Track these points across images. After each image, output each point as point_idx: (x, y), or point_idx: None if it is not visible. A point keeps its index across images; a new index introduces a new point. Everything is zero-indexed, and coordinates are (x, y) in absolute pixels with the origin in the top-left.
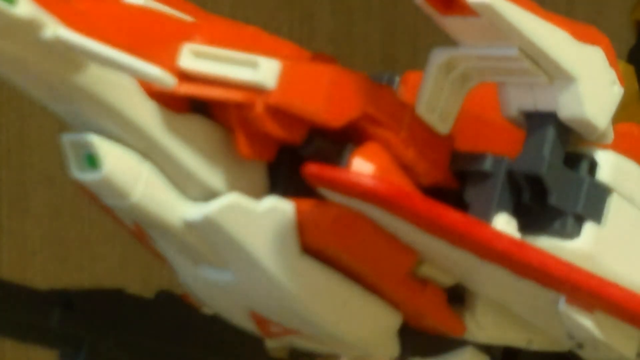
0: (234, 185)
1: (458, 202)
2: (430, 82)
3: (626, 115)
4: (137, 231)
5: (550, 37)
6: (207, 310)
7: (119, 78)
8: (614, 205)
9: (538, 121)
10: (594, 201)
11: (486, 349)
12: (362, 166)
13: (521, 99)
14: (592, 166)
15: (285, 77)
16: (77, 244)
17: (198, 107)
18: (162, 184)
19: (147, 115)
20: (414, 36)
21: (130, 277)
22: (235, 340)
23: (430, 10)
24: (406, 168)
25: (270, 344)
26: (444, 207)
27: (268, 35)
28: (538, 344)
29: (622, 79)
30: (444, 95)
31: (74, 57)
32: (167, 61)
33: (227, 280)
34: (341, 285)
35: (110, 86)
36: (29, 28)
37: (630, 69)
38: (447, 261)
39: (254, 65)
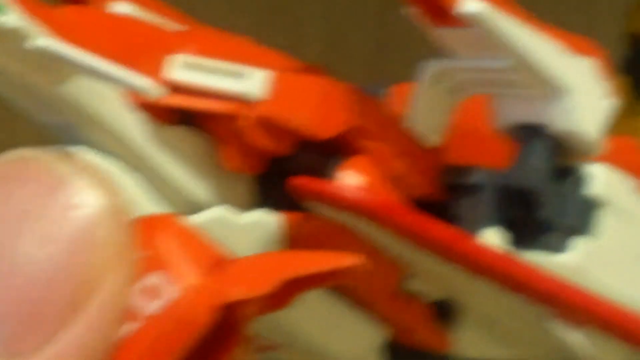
0: (220, 198)
1: (447, 215)
2: (420, 94)
3: (619, 128)
4: None
5: (543, 48)
6: None
7: (105, 89)
8: (605, 219)
9: (529, 134)
10: (584, 215)
11: None
12: (350, 179)
13: (512, 111)
14: (583, 179)
15: (274, 89)
16: None
17: (185, 119)
18: (147, 196)
19: (133, 126)
20: (405, 47)
21: None
22: None
23: (421, 22)
24: (395, 181)
25: (254, 358)
26: (433, 220)
27: (258, 45)
28: None
29: (616, 92)
30: (435, 107)
31: (59, 68)
32: (156, 72)
33: None
34: (327, 300)
35: (97, 97)
36: (14, 37)
37: (624, 82)
38: (435, 275)
39: (242, 76)
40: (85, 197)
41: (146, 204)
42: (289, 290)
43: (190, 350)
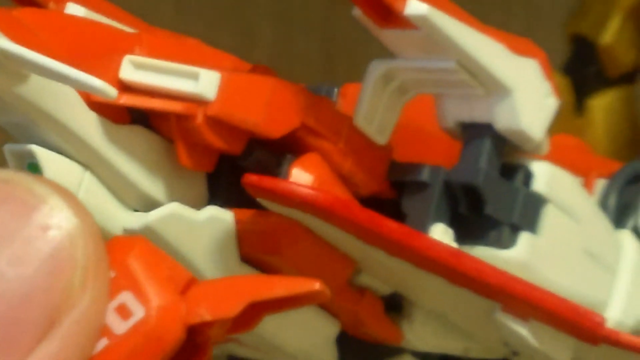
0: (175, 195)
1: (396, 212)
2: (368, 93)
3: (562, 126)
4: None
5: (486, 49)
6: None
7: (61, 89)
8: (549, 215)
9: (474, 132)
10: (529, 211)
11: (423, 356)
12: (300, 176)
13: (458, 110)
14: (528, 177)
15: (225, 89)
16: None
17: (138, 118)
18: (102, 193)
19: (87, 126)
20: (352, 48)
21: None
22: None
23: (368, 23)
24: (344, 178)
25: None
26: (381, 217)
27: (208, 47)
28: (475, 352)
29: (558, 92)
30: (382, 107)
31: (15, 69)
32: (109, 73)
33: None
34: None
35: (52, 97)
36: None
37: (566, 82)
38: (384, 270)
39: (194, 76)
40: (61, 218)
41: (102, 202)
42: (254, 313)
43: None
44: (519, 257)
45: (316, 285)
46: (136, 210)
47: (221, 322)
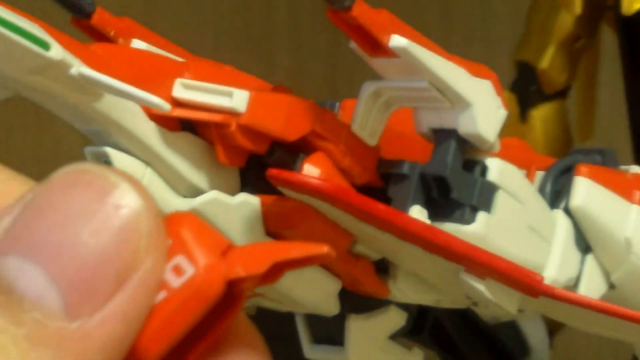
0: (214, 184)
1: (383, 197)
2: (362, 107)
3: (508, 131)
4: None
5: (451, 73)
6: None
7: (128, 104)
8: (500, 199)
9: (443, 136)
10: (485, 196)
11: (405, 306)
12: (311, 170)
13: (430, 119)
14: (484, 169)
15: (252, 104)
16: None
17: (187, 126)
18: (159, 184)
19: (148, 133)
20: (351, 72)
21: None
22: None
23: (362, 53)
24: (344, 172)
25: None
26: (372, 201)
27: (240, 72)
28: (444, 303)
29: (506, 105)
30: (372, 117)
31: (93, 89)
32: (164, 92)
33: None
34: None
35: (122, 111)
36: (60, 67)
37: (512, 97)
38: (375, 241)
39: (229, 94)
40: (129, 199)
41: (159, 190)
42: (277, 270)
43: (204, 314)
44: (478, 231)
45: (325, 248)
46: (185, 197)
47: (252, 278)
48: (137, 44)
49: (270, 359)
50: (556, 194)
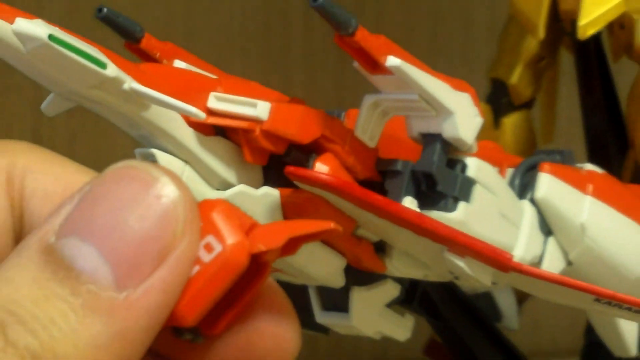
0: (242, 179)
1: (381, 190)
2: (363, 115)
3: (484, 135)
4: None
5: (437, 87)
6: None
7: (170, 113)
8: (477, 191)
9: (430, 139)
10: (464, 188)
11: (399, 280)
12: (321, 168)
13: (419, 125)
14: (464, 167)
15: (273, 113)
16: None
17: (219, 132)
18: (196, 179)
19: (187, 137)
20: (355, 86)
21: None
22: None
23: (363, 71)
24: (348, 169)
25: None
26: (372, 192)
27: (263, 86)
28: (431, 277)
29: (482, 114)
30: (372, 124)
31: (142, 101)
32: (200, 103)
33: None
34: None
35: (165, 119)
36: (114, 83)
37: (487, 107)
38: (374, 226)
39: (254, 105)
40: (169, 190)
41: (196, 184)
42: (293, 244)
43: (232, 283)
44: (458, 217)
45: (331, 224)
46: (217, 190)
47: (272, 251)
48: (178, 63)
49: (295, 319)
50: (523, 187)
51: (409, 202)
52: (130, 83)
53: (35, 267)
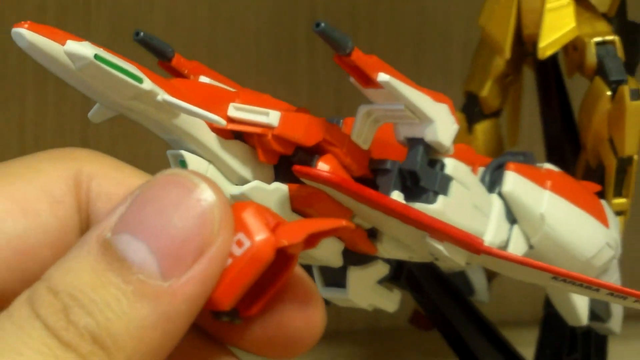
0: (256, 176)
1: (373, 185)
2: (358, 122)
3: (459, 140)
4: None
5: (420, 99)
6: None
7: (196, 121)
8: (453, 186)
9: (414, 142)
10: (443, 184)
11: (388, 261)
12: (323, 166)
13: (405, 131)
14: (442, 166)
15: (282, 120)
16: None
17: (237, 136)
18: (218, 175)
19: (210, 140)
20: (351, 98)
21: None
22: None
23: (357, 85)
24: (345, 167)
25: None
26: (366, 187)
27: (274, 98)
28: (416, 258)
29: (458, 121)
30: (365, 129)
31: (173, 110)
32: (222, 112)
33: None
34: None
35: (192, 125)
36: (149, 95)
37: (462, 116)
38: (367, 215)
39: (266, 114)
40: (207, 194)
41: (218, 180)
42: (313, 239)
43: (262, 274)
44: (438, 208)
45: (343, 222)
46: (236, 184)
47: (295, 245)
48: (203, 79)
49: (321, 301)
50: (492, 183)
51: (397, 196)
52: (162, 95)
53: (93, 259)
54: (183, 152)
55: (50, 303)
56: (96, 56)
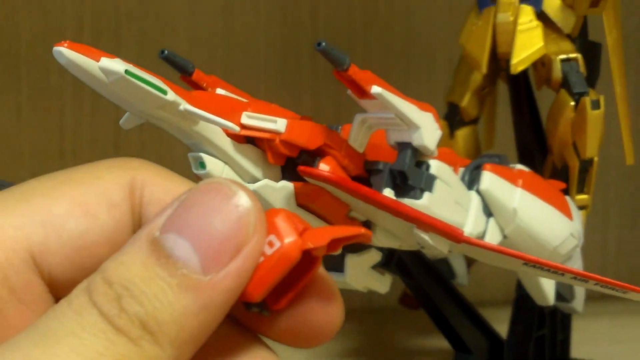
0: (266, 176)
1: (367, 183)
2: (354, 129)
3: (442, 144)
4: None
5: (408, 108)
6: None
7: (213, 127)
8: (437, 184)
9: (403, 146)
10: (428, 182)
11: (380, 249)
12: (324, 167)
13: (395, 136)
14: (428, 167)
15: (288, 127)
16: None
17: (249, 140)
18: (232, 175)
19: (226, 144)
20: (349, 108)
21: None
22: None
23: (354, 96)
24: (343, 168)
25: None
26: (361, 185)
27: (281, 107)
28: (404, 247)
29: (442, 128)
30: (361, 135)
31: (193, 118)
32: (236, 119)
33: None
34: (315, 220)
35: (210, 131)
36: (173, 105)
37: (445, 123)
38: (362, 209)
39: (274, 121)
40: (244, 201)
41: (233, 178)
42: (336, 244)
43: (287, 271)
44: (424, 203)
45: (362, 230)
46: (248, 183)
47: (319, 248)
48: (220, 91)
49: (340, 299)
50: (471, 181)
51: (388, 192)
52: (184, 105)
53: (144, 254)
54: (202, 154)
55: (105, 292)
56: (127, 71)
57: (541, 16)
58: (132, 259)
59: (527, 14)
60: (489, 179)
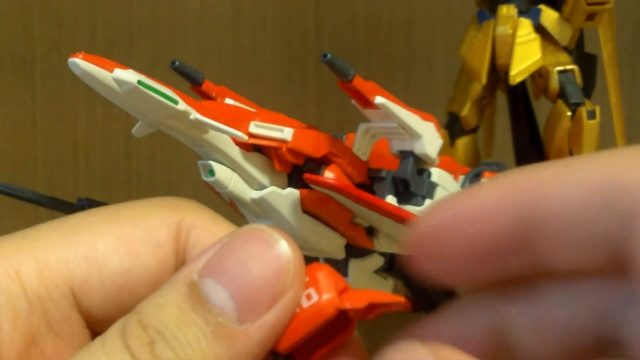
0: (273, 183)
1: (371, 190)
2: (358, 137)
3: (443, 152)
4: (232, 204)
5: (410, 118)
6: None
7: (222, 136)
8: (438, 191)
9: (405, 154)
10: (430, 190)
11: (382, 254)
12: (328, 175)
13: (398, 145)
14: (429, 174)
15: (295, 135)
16: None
17: (257, 149)
18: (241, 182)
19: (234, 152)
20: (353, 118)
21: None
22: None
23: (358, 106)
24: (348, 175)
25: None
26: (365, 192)
27: (287, 117)
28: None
29: (442, 137)
30: (364, 143)
31: (203, 127)
32: (244, 128)
33: (270, 224)
34: (320, 226)
35: (219, 140)
36: (183, 114)
37: (445, 132)
38: (366, 215)
39: (281, 130)
40: (285, 250)
41: (241, 186)
42: (372, 308)
43: (321, 327)
44: (424, 209)
45: (401, 299)
46: (256, 189)
47: (356, 310)
48: (228, 101)
49: None
50: None
51: (391, 199)
52: (194, 114)
53: (181, 298)
54: (211, 162)
55: (139, 336)
56: (139, 82)
57: (539, 29)
58: (169, 302)
59: (525, 27)
60: None
